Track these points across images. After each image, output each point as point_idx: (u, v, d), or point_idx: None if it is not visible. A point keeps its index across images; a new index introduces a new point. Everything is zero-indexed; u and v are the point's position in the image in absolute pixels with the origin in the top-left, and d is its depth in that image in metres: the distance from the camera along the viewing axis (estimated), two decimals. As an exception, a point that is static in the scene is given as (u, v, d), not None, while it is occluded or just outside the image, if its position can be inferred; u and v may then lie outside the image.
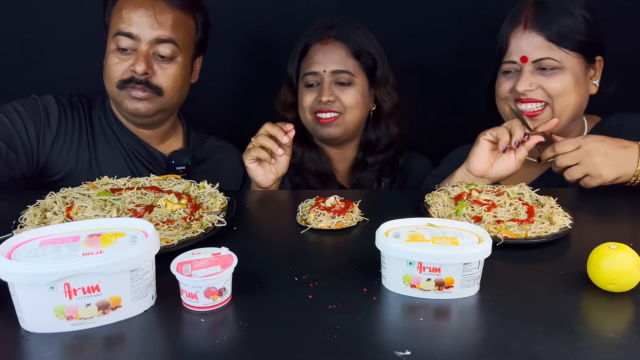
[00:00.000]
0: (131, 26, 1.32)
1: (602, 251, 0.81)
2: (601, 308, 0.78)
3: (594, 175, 1.18)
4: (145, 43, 1.33)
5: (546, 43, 1.30)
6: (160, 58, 1.35)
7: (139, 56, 1.33)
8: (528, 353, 0.66)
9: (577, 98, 1.33)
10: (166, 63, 1.36)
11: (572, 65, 1.32)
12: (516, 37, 1.34)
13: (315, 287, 0.81)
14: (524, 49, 1.32)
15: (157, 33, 1.33)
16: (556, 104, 1.32)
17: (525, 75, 1.32)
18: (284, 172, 1.36)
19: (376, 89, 1.56)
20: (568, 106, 1.33)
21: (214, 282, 0.73)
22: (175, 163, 1.45)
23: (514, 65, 1.35)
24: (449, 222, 0.87)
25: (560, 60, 1.30)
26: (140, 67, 1.32)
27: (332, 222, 1.04)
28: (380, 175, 1.60)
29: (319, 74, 1.49)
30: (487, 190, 1.14)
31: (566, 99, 1.32)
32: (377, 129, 1.59)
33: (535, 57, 1.31)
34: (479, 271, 0.79)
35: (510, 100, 1.33)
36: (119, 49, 1.34)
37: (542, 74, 1.32)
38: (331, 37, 1.50)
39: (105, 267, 0.68)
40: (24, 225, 0.97)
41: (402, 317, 0.77)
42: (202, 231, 0.97)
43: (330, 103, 1.48)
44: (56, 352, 0.66)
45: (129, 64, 1.34)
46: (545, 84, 1.31)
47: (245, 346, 0.68)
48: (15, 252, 0.72)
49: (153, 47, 1.34)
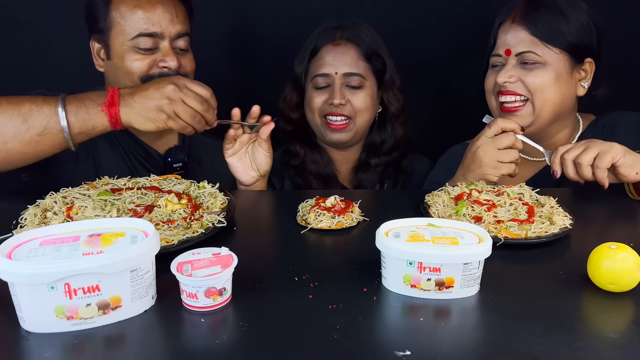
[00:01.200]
0: (154, 25, 1.32)
1: (602, 251, 0.81)
2: (601, 308, 0.78)
3: (605, 148, 1.14)
4: (168, 39, 1.34)
5: (530, 38, 1.32)
6: (180, 51, 1.37)
7: (167, 53, 1.33)
8: (528, 353, 0.66)
9: (557, 95, 1.34)
10: (183, 54, 1.38)
11: (554, 62, 1.32)
12: (504, 31, 1.36)
13: (315, 287, 0.81)
14: (509, 43, 1.34)
15: (177, 28, 1.35)
16: (536, 99, 1.33)
17: (507, 67, 1.34)
18: (267, 170, 1.34)
19: (383, 91, 1.55)
20: (547, 102, 1.33)
21: (214, 282, 0.73)
22: (171, 160, 1.44)
23: (500, 58, 1.37)
24: (449, 222, 0.87)
25: (542, 56, 1.31)
26: (173, 63, 1.33)
27: (332, 222, 1.04)
28: (382, 177, 1.59)
29: (330, 75, 1.47)
30: (487, 190, 1.14)
31: (545, 94, 1.32)
32: (382, 131, 1.58)
33: (517, 50, 1.33)
34: (479, 271, 0.79)
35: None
36: (140, 48, 1.33)
37: (524, 68, 1.33)
38: (343, 38, 1.49)
39: (105, 267, 0.68)
40: (24, 225, 0.97)
41: (402, 317, 0.77)
42: (202, 231, 0.97)
43: (342, 106, 1.47)
44: (56, 352, 0.66)
45: (151, 59, 1.33)
46: (526, 77, 1.33)
47: (245, 346, 0.68)
48: (16, 252, 0.72)
49: (174, 42, 1.35)
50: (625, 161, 1.14)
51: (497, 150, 1.23)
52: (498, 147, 1.23)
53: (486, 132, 1.26)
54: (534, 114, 1.34)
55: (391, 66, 1.53)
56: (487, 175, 1.25)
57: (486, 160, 1.24)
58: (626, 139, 1.32)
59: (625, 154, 1.14)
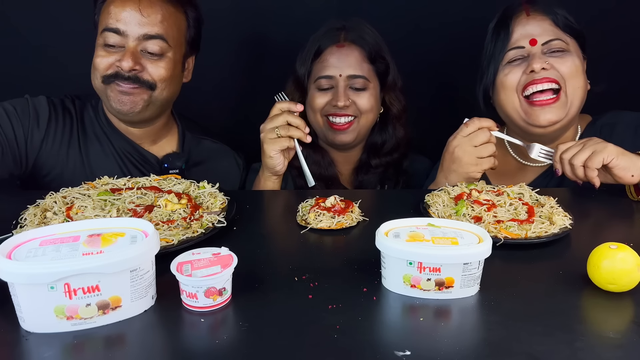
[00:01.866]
0: (118, 22, 1.30)
1: (602, 251, 0.81)
2: (601, 308, 0.78)
3: (599, 148, 1.15)
4: (133, 39, 1.31)
5: (553, 26, 1.33)
6: (149, 54, 1.33)
7: (125, 52, 1.30)
8: (528, 353, 0.66)
9: (584, 83, 1.34)
10: (156, 59, 1.33)
11: (575, 50, 1.34)
12: (521, 23, 1.34)
13: (315, 287, 0.81)
14: (532, 32, 1.33)
15: (144, 29, 1.31)
16: (569, 86, 1.32)
17: (536, 56, 1.32)
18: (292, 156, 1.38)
19: (385, 92, 1.55)
20: (579, 89, 1.33)
21: (214, 282, 0.73)
22: (167, 167, 1.43)
23: (522, 50, 1.34)
24: (449, 222, 0.87)
25: (568, 43, 1.32)
26: (126, 64, 1.29)
27: (332, 222, 1.04)
28: (383, 178, 1.59)
29: (334, 77, 1.47)
30: (487, 190, 1.14)
31: (577, 81, 1.32)
32: (383, 132, 1.58)
33: (545, 38, 1.32)
34: (479, 271, 0.79)
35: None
36: (106, 44, 1.32)
37: (552, 56, 1.32)
38: (347, 40, 1.48)
39: (105, 267, 0.68)
40: (24, 225, 0.97)
41: (402, 317, 0.77)
42: (202, 231, 0.97)
43: (346, 108, 1.46)
44: (56, 352, 0.66)
45: (115, 58, 1.31)
46: (557, 64, 1.31)
47: (245, 346, 0.68)
48: (15, 252, 0.72)
49: (141, 44, 1.32)
50: (619, 163, 1.14)
51: (475, 147, 1.25)
52: (475, 145, 1.25)
53: (462, 131, 1.26)
54: (567, 104, 1.33)
55: (394, 68, 1.53)
56: (470, 172, 1.26)
57: (466, 158, 1.25)
58: (624, 139, 1.32)
59: (618, 156, 1.14)
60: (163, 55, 1.34)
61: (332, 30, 1.50)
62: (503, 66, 1.37)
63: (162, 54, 1.34)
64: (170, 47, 1.35)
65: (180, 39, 1.39)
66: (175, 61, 1.37)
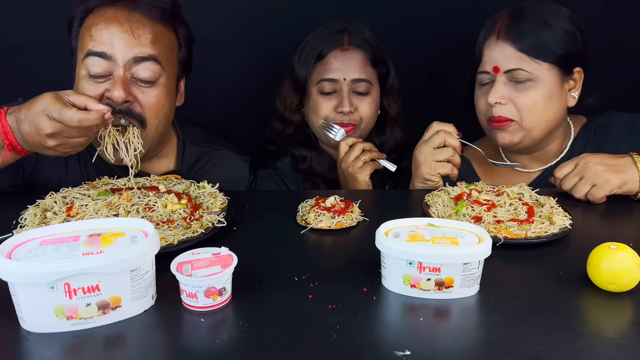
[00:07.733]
0: (103, 44, 1.12)
1: (602, 251, 0.81)
2: (601, 308, 0.78)
3: (600, 183, 1.16)
4: (122, 64, 1.13)
5: (517, 54, 1.26)
6: (140, 82, 1.16)
7: (115, 81, 1.13)
8: (528, 353, 0.66)
9: (549, 113, 1.30)
10: (148, 87, 1.17)
11: (545, 78, 1.27)
12: (489, 47, 1.30)
13: (315, 287, 0.81)
14: (496, 59, 1.28)
15: (135, 51, 1.14)
16: (526, 120, 1.28)
17: (497, 86, 1.28)
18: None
19: (385, 96, 1.54)
20: (540, 121, 1.29)
21: (214, 282, 0.73)
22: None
23: (488, 75, 1.32)
24: (449, 222, 0.87)
25: (532, 72, 1.26)
26: (118, 94, 1.12)
27: (332, 222, 1.04)
28: (383, 179, 1.59)
29: (338, 81, 1.46)
30: (487, 191, 1.14)
31: (537, 114, 1.28)
32: (381, 134, 1.58)
33: (506, 67, 1.27)
34: (479, 271, 0.79)
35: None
36: (92, 75, 1.14)
37: (515, 87, 1.28)
38: (351, 43, 1.47)
39: (105, 267, 0.69)
40: (24, 225, 0.97)
41: (402, 317, 0.77)
42: (202, 231, 0.97)
43: (350, 114, 1.46)
44: (56, 352, 0.66)
45: (103, 88, 1.14)
46: (517, 98, 1.27)
47: (245, 346, 0.68)
48: (15, 252, 0.72)
49: (131, 69, 1.14)
50: (622, 191, 1.17)
51: (432, 150, 1.26)
52: (432, 147, 1.26)
53: (424, 135, 1.27)
54: (524, 131, 1.30)
55: (393, 71, 1.53)
56: (425, 174, 1.27)
57: (421, 160, 1.26)
58: (619, 142, 1.32)
59: (621, 186, 1.16)
60: (156, 81, 1.18)
61: (334, 33, 1.49)
62: (477, 86, 1.37)
63: (155, 81, 1.17)
64: (163, 71, 1.18)
65: (173, 60, 1.24)
66: (169, 88, 1.22)
